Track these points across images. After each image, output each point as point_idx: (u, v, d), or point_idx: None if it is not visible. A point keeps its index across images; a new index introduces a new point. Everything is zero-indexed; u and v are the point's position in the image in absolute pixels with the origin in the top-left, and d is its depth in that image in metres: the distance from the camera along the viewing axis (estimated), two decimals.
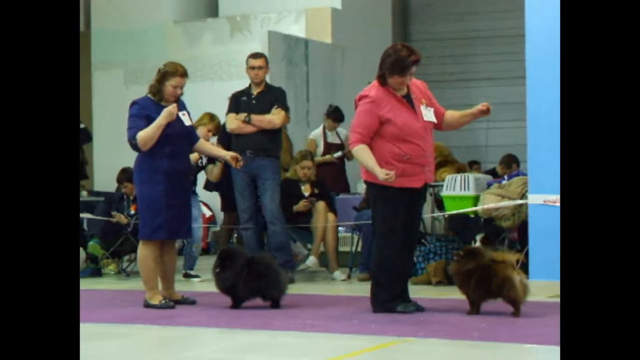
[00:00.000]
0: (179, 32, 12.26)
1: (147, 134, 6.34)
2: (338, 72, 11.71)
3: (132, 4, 12.36)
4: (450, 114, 6.17)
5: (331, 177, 9.67)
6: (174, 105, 6.40)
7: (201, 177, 8.93)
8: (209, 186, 9.15)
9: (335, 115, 9.98)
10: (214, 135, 8.54)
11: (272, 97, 8.10)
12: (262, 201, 8.06)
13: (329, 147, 9.85)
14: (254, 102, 8.09)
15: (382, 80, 5.93)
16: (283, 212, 8.12)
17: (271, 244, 8.09)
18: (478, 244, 7.67)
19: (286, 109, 8.18)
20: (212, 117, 8.58)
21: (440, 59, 13.01)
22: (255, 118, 7.98)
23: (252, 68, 8.13)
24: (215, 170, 8.61)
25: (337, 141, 9.86)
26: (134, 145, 6.42)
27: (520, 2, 7.10)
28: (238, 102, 8.15)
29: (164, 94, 6.49)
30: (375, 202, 6.09)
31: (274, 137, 8.11)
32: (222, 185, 8.73)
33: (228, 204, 8.92)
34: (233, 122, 8.06)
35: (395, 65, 5.85)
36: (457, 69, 13.38)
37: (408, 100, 5.97)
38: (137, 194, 6.65)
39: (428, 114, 6.00)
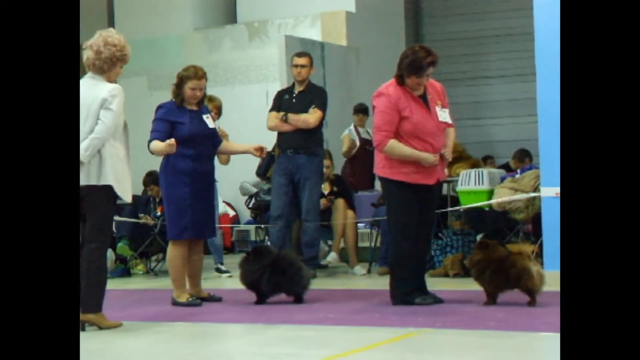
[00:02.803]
0: (200, 38, 12.38)
1: (156, 150, 6.42)
2: (353, 73, 11.74)
3: (153, 13, 12.45)
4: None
5: (361, 173, 9.82)
6: (173, 144, 6.27)
7: None
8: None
9: (360, 111, 10.12)
10: (218, 116, 8.36)
11: (311, 96, 8.06)
12: (300, 198, 8.03)
13: (363, 143, 9.93)
14: (294, 100, 8.07)
15: (400, 80, 5.99)
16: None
17: (303, 240, 8.12)
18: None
19: (323, 109, 8.06)
20: (210, 98, 8.42)
21: (452, 58, 12.94)
22: (291, 117, 7.95)
23: (296, 66, 8.12)
24: (223, 156, 8.35)
25: (369, 137, 10.00)
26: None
27: (528, 1, 7.15)
28: (280, 100, 8.14)
29: (184, 97, 6.59)
30: (389, 198, 6.16)
31: (313, 136, 8.03)
32: None
33: None
34: (272, 121, 8.05)
35: (412, 66, 5.92)
36: (469, 68, 13.36)
37: (424, 100, 6.04)
38: (164, 195, 6.72)
39: (443, 115, 6.07)
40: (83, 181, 5.35)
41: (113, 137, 5.53)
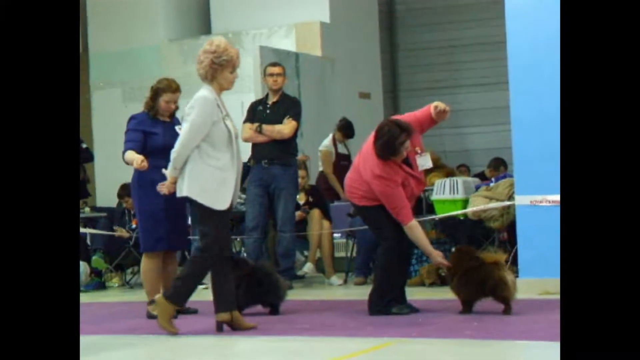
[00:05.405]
0: (174, 50, 12.37)
1: (130, 160, 6.40)
2: (328, 83, 11.75)
3: (128, 24, 12.43)
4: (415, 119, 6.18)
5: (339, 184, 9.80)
6: (143, 162, 6.31)
7: None
8: None
9: (346, 131, 9.96)
10: None
11: (285, 107, 8.06)
12: (275, 209, 8.03)
13: (340, 158, 9.89)
14: (268, 111, 8.06)
15: (383, 158, 6.00)
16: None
17: (278, 250, 8.13)
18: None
19: (298, 119, 8.07)
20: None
21: (427, 67, 13.04)
22: (266, 128, 7.95)
23: (271, 75, 8.13)
24: None
25: (346, 152, 9.95)
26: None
27: (501, 10, 7.18)
28: (254, 112, 8.13)
29: (158, 110, 6.62)
30: (374, 218, 6.20)
31: (288, 146, 8.03)
32: None
33: None
34: (247, 132, 8.03)
35: (385, 149, 5.95)
36: (444, 77, 13.41)
37: (407, 164, 6.08)
38: (136, 207, 6.70)
39: (423, 163, 6.14)
40: (178, 193, 5.62)
41: (212, 147, 5.54)
